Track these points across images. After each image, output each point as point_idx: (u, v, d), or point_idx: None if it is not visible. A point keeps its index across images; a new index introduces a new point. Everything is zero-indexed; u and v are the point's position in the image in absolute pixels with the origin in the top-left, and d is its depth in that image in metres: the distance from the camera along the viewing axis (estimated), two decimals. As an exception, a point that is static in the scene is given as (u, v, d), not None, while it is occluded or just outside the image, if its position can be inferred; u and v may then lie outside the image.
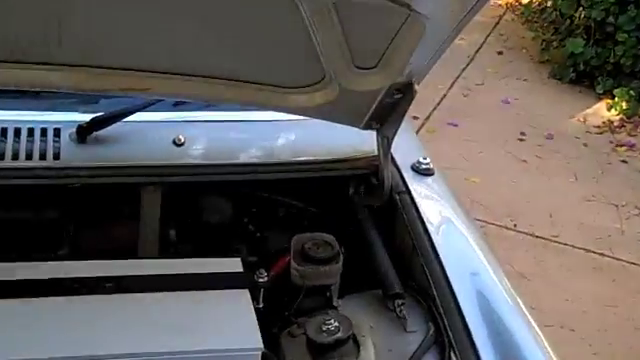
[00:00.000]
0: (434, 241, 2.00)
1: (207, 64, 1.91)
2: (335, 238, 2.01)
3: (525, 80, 6.20)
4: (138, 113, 2.12)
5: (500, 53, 6.63)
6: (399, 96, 1.94)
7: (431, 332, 1.81)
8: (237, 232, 2.19)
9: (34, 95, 2.17)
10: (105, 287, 1.75)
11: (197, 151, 2.12)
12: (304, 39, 1.78)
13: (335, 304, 1.97)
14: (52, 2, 1.68)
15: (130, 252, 2.06)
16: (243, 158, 2.14)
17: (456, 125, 5.37)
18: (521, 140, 5.28)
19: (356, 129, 2.10)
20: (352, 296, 2.02)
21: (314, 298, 1.96)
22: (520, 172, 4.91)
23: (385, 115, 2.02)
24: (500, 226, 4.31)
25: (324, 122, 2.11)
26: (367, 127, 2.09)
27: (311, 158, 2.20)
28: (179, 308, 1.74)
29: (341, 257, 1.98)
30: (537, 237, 4.29)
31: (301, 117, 2.15)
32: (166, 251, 2.12)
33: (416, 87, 1.95)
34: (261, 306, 1.85)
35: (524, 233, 4.31)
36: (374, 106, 2.00)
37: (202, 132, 2.17)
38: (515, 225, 4.35)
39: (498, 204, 4.45)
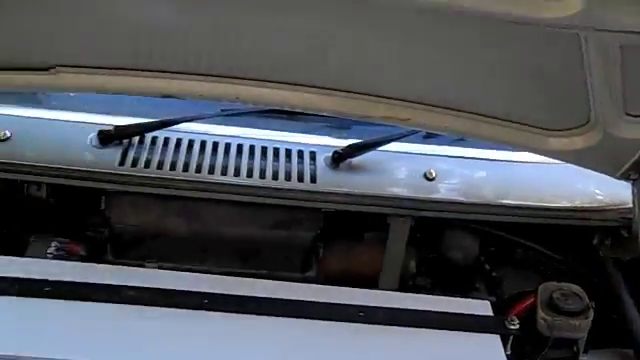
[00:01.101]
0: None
1: (471, 100, 1.90)
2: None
3: None
4: (390, 143, 2.14)
5: None
6: None
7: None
8: (475, 271, 2.17)
9: (289, 117, 2.25)
10: (358, 316, 1.77)
11: (447, 187, 2.11)
12: (577, 80, 1.72)
13: (581, 359, 1.90)
14: (323, 27, 1.72)
15: (371, 279, 2.09)
16: (492, 198, 2.11)
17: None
18: None
19: (608, 178, 2.03)
20: (598, 352, 1.95)
21: (559, 350, 1.90)
22: None
23: None
24: None
25: (573, 168, 2.05)
26: (624, 177, 2.00)
27: (560, 205, 2.14)
28: (430, 346, 1.73)
29: (591, 311, 1.91)
30: None
31: (550, 160, 2.11)
32: (405, 282, 2.13)
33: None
34: (509, 353, 1.81)
35: None
36: (637, 155, 1.91)
37: (453, 168, 2.16)
38: None
39: None
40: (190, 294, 1.77)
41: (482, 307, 1.88)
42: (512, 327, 1.82)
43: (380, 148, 2.14)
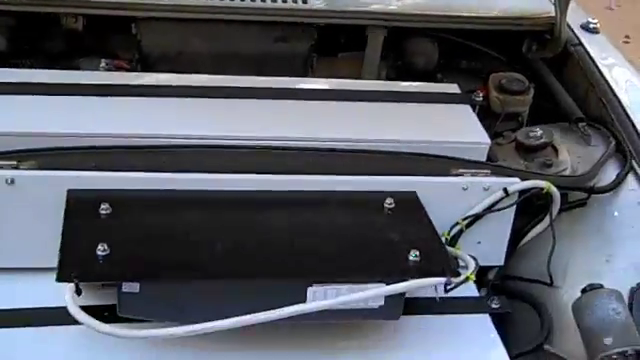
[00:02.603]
0: (608, 80, 2.45)
1: None
2: None
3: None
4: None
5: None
6: None
7: (612, 144, 2.28)
8: (434, 78, 2.67)
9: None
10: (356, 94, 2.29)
11: (412, 4, 2.59)
12: None
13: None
14: None
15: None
16: (448, 10, 2.59)
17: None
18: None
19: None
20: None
21: (509, 123, 2.45)
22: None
23: None
24: None
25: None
26: None
27: (500, 14, 2.64)
28: (411, 114, 2.25)
29: (531, 90, 2.46)
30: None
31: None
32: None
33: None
34: (475, 119, 2.33)
35: None
36: None
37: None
38: None
39: None
40: (215, 88, 2.23)
41: (452, 88, 2.41)
42: (477, 99, 2.34)
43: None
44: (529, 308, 2.08)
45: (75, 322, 1.67)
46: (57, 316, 1.73)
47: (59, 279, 1.63)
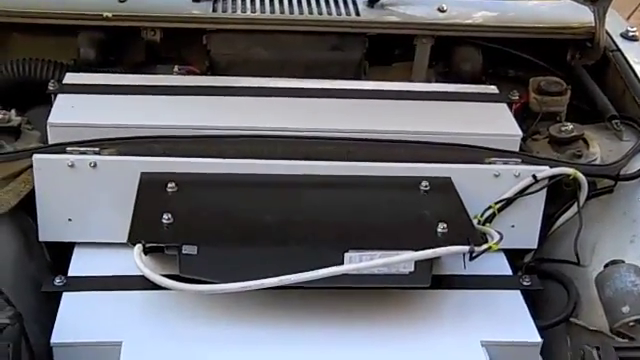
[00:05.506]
0: (643, 82, 2.62)
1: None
2: None
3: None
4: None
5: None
6: None
7: (641, 138, 2.44)
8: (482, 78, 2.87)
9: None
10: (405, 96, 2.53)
11: (456, 15, 2.81)
12: None
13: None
14: None
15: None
16: (491, 21, 2.81)
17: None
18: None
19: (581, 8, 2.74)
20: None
21: (547, 122, 2.62)
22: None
23: None
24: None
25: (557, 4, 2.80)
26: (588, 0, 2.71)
27: (543, 25, 2.82)
28: (452, 110, 2.48)
29: (568, 92, 2.64)
30: None
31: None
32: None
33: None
34: (511, 118, 2.53)
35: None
36: None
37: (459, 3, 2.86)
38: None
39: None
40: (274, 89, 2.51)
41: (490, 89, 2.62)
42: (514, 97, 2.54)
43: (403, -6, 2.84)
44: (560, 288, 2.24)
45: (143, 288, 1.95)
46: (131, 283, 2.01)
47: (130, 240, 1.91)
